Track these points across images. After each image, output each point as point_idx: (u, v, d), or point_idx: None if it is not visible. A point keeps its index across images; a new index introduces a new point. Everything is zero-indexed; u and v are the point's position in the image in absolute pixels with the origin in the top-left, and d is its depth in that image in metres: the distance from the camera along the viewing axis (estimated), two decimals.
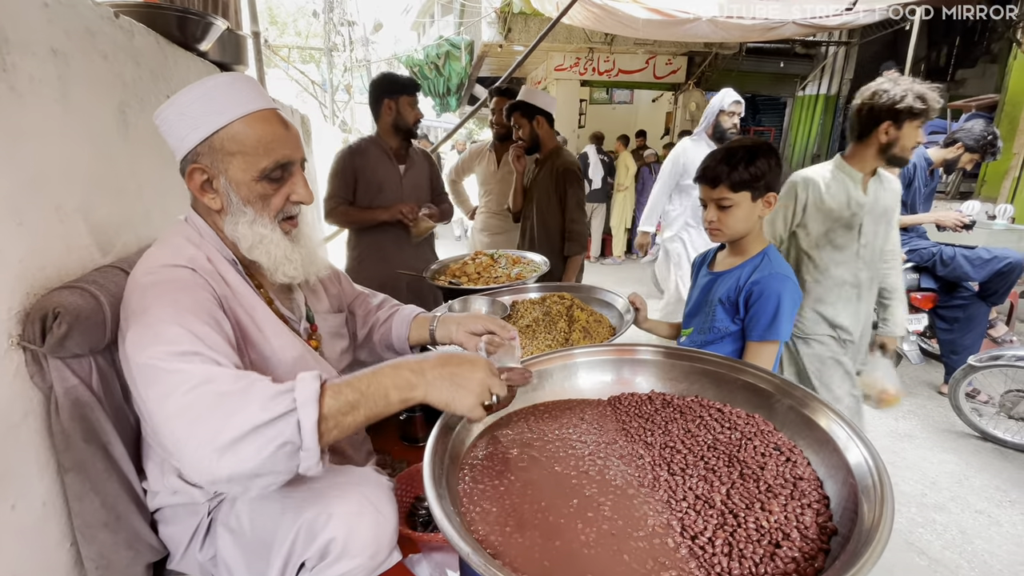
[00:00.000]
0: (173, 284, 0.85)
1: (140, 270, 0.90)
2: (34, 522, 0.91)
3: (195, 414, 0.71)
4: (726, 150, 1.34)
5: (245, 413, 0.70)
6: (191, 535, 1.01)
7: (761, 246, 1.42)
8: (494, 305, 1.73)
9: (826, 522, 0.71)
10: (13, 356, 0.87)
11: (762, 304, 1.32)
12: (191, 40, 1.64)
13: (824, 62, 8.50)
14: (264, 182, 0.94)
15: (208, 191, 0.95)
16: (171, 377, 0.74)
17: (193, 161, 0.92)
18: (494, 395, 0.79)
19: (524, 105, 2.50)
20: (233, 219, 0.95)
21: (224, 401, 0.72)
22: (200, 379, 0.73)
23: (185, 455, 0.71)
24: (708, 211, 1.38)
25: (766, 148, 1.33)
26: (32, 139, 0.94)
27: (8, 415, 0.86)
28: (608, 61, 8.63)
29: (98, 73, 1.15)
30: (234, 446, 0.69)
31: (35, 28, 0.95)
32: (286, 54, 12.64)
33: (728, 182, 1.32)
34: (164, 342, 0.77)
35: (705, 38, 5.18)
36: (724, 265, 1.48)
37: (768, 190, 1.33)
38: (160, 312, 0.80)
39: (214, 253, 0.96)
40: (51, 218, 0.98)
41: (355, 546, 0.84)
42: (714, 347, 1.44)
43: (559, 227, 2.55)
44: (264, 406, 0.71)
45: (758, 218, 1.37)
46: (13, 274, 0.87)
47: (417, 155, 2.46)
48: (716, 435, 0.91)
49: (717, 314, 1.42)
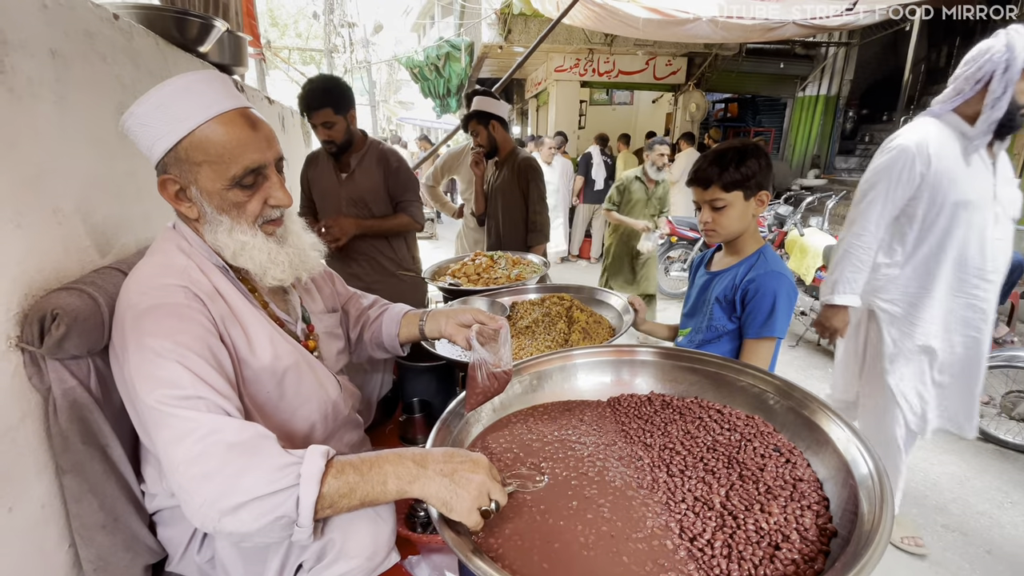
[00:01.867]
0: (169, 313, 0.83)
1: (134, 288, 0.87)
2: (32, 524, 0.91)
3: (204, 471, 0.72)
4: (716, 152, 1.36)
5: (252, 478, 0.72)
6: (189, 537, 1.00)
7: (757, 245, 1.43)
8: (494, 306, 1.73)
9: (826, 524, 0.71)
10: (11, 357, 0.87)
11: (758, 301, 1.33)
12: (190, 42, 1.64)
13: (824, 63, 8.50)
14: (236, 189, 0.90)
15: (183, 200, 0.91)
16: (179, 424, 0.75)
17: (163, 172, 0.89)
18: (493, 501, 0.73)
19: (479, 113, 2.62)
20: (212, 228, 0.93)
21: (232, 458, 0.73)
22: (208, 429, 0.74)
23: (190, 507, 0.73)
24: (702, 213, 1.40)
25: (755, 148, 1.35)
26: (30, 141, 0.93)
27: (6, 417, 0.86)
28: (608, 62, 8.64)
29: (97, 75, 1.15)
30: (236, 511, 0.71)
31: (34, 30, 0.95)
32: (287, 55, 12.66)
33: (720, 183, 1.33)
34: (168, 384, 0.77)
35: (705, 38, 5.18)
36: (721, 265, 1.50)
37: (759, 188, 1.35)
38: (160, 347, 0.79)
39: (204, 262, 0.95)
40: (49, 220, 0.97)
41: (353, 547, 0.84)
42: (711, 346, 1.45)
43: (525, 220, 2.68)
44: (270, 478, 0.72)
45: (752, 217, 1.39)
46: (11, 275, 0.87)
47: (368, 161, 2.26)
48: (715, 436, 0.91)
49: (714, 312, 1.44)
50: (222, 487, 0.71)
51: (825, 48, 8.40)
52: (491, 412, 1.05)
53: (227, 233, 0.92)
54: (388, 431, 1.67)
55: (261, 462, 0.73)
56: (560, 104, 9.12)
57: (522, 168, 2.64)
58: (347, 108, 2.12)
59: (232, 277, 0.98)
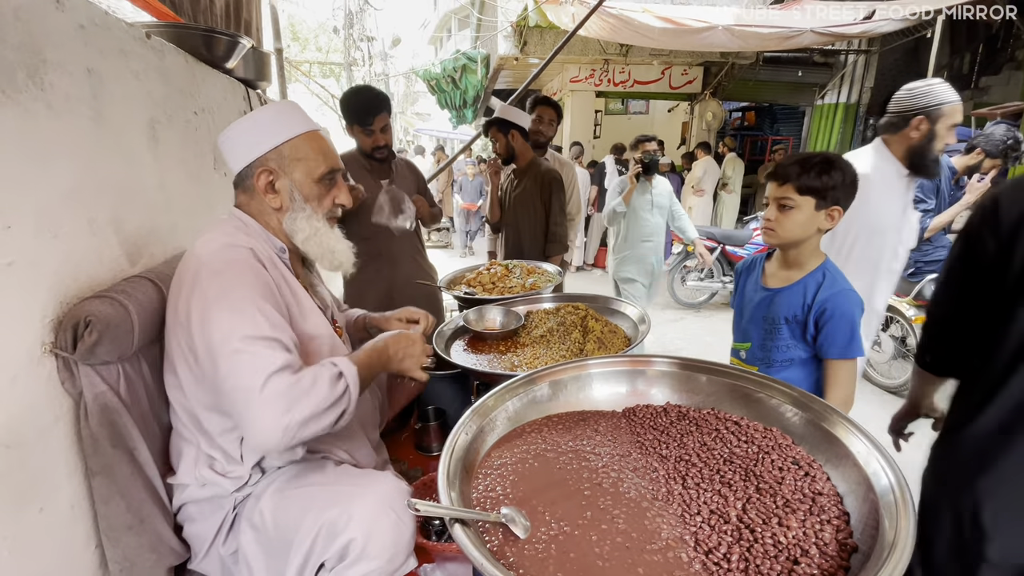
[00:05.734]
0: (242, 267, 0.98)
1: (204, 252, 0.99)
2: (62, 524, 0.94)
3: (278, 390, 0.89)
4: (806, 155, 1.32)
5: (316, 396, 0.92)
6: (216, 530, 1.03)
7: (819, 260, 1.38)
8: (508, 315, 1.74)
9: (846, 539, 0.70)
10: (45, 363, 0.90)
11: (836, 323, 1.30)
12: (217, 58, 1.70)
13: (844, 70, 8.39)
14: (320, 184, 1.13)
15: (270, 192, 1.10)
16: (259, 359, 0.90)
17: (262, 165, 1.08)
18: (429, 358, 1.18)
19: (500, 121, 2.66)
20: (293, 215, 1.11)
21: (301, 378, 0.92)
22: (284, 362, 0.91)
23: (262, 423, 0.87)
24: (768, 209, 1.37)
25: (845, 164, 1.31)
26: (67, 155, 0.98)
27: (40, 420, 0.89)
28: (623, 72, 8.65)
29: (130, 91, 1.20)
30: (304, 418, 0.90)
31: (71, 49, 1.00)
32: (307, 69, 12.95)
33: (796, 183, 1.29)
34: (252, 326, 0.92)
35: (722, 47, 5.18)
36: (780, 280, 1.43)
37: (835, 203, 1.30)
38: (241, 295, 0.94)
39: (261, 244, 1.08)
40: (84, 230, 1.02)
41: (374, 548, 0.85)
42: (784, 373, 1.39)
43: (545, 231, 2.72)
44: (328, 394, 0.94)
45: (817, 230, 1.34)
46: (48, 284, 0.91)
47: (401, 168, 2.43)
48: (732, 448, 0.90)
49: (782, 332, 1.39)
50: (292, 398, 0.89)
51: (844, 56, 8.30)
52: (506, 421, 1.05)
53: (306, 219, 1.12)
54: (404, 439, 1.68)
55: (319, 380, 0.94)
56: (575, 114, 9.15)
57: (546, 180, 2.67)
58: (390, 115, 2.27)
59: (286, 260, 1.13)
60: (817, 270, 1.36)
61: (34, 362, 0.88)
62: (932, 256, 3.03)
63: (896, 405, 1.37)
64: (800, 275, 1.38)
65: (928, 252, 3.04)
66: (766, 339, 1.43)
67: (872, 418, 1.20)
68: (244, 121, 1.11)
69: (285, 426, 0.87)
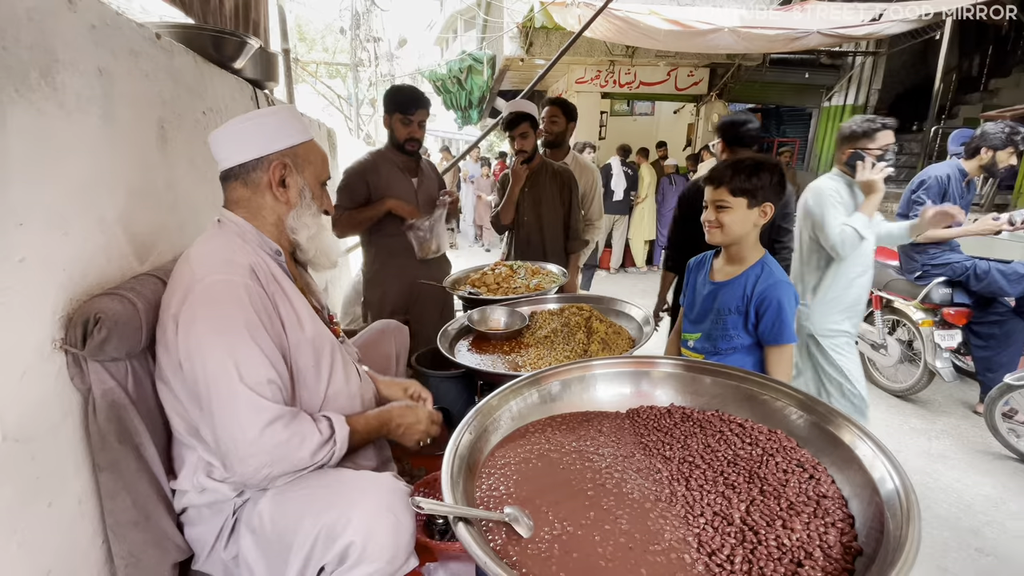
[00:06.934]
0: (238, 296, 0.98)
1: (200, 268, 0.99)
2: (70, 519, 0.95)
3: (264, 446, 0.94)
4: (736, 160, 1.45)
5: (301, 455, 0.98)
6: (216, 534, 1.03)
7: (758, 254, 1.51)
8: (512, 316, 1.74)
9: (851, 542, 0.70)
10: (55, 359, 0.91)
11: (773, 312, 1.42)
12: (226, 59, 1.71)
13: (851, 72, 8.35)
14: (322, 188, 1.20)
15: (279, 187, 1.12)
16: (250, 404, 0.93)
17: (279, 159, 1.11)
18: (429, 438, 1.23)
19: (531, 116, 2.61)
20: (299, 211, 1.15)
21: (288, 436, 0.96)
22: (273, 414, 0.95)
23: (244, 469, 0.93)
24: (707, 211, 1.49)
25: (772, 165, 1.43)
26: (78, 153, 0.99)
27: (50, 415, 0.90)
28: (629, 73, 8.64)
29: (140, 91, 1.21)
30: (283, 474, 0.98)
31: (83, 49, 1.01)
32: (314, 69, 13.01)
33: (729, 186, 1.43)
34: (245, 363, 0.94)
35: (728, 49, 5.16)
36: (724, 274, 1.56)
37: (764, 201, 1.43)
38: (232, 321, 0.95)
39: (258, 254, 1.08)
40: (94, 228, 1.03)
41: (373, 550, 0.85)
42: (730, 359, 1.49)
43: (566, 229, 2.72)
44: (313, 452, 0.99)
45: (753, 225, 1.46)
46: (58, 281, 0.92)
47: (424, 166, 2.48)
48: (736, 450, 0.90)
49: (728, 322, 1.51)
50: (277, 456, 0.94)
51: (852, 57, 8.25)
52: (509, 421, 1.06)
53: (312, 216, 1.17)
54: None
55: (306, 442, 0.98)
56: (580, 115, 9.10)
57: (564, 178, 2.67)
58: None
59: (282, 262, 1.14)
60: (757, 264, 1.50)
61: (44, 358, 0.89)
62: (939, 260, 3.01)
63: (903, 409, 1.38)
64: (742, 269, 1.51)
65: (935, 256, 3.02)
66: (712, 328, 1.55)
67: (878, 422, 1.19)
68: (249, 119, 1.10)
69: (265, 476, 0.95)
